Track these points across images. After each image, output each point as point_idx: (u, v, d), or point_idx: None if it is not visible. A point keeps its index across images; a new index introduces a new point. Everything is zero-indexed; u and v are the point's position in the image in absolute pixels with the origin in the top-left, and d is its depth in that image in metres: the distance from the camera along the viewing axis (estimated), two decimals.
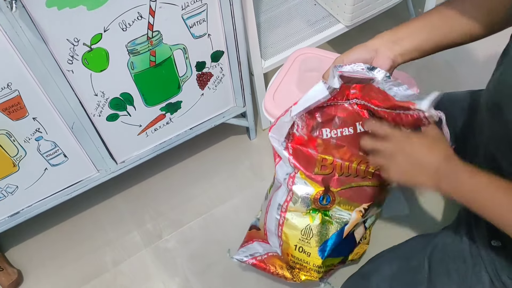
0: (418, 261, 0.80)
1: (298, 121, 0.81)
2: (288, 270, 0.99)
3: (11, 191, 1.07)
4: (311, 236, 0.92)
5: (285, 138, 0.84)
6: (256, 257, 1.01)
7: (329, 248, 0.93)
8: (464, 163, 0.66)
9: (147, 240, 1.25)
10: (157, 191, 1.34)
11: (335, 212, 0.91)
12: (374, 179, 0.85)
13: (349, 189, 0.87)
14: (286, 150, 0.85)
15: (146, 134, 1.15)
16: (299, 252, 0.95)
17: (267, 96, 1.09)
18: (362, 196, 0.88)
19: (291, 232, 0.94)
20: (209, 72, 1.12)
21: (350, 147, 0.82)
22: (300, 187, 0.87)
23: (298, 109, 0.79)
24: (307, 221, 0.92)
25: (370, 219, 0.98)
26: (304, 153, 0.84)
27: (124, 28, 0.90)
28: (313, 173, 0.85)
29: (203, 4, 0.96)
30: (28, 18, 0.79)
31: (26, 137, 0.98)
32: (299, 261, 0.96)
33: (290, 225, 0.93)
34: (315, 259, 0.94)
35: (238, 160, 1.37)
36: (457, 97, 1.01)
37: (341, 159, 0.83)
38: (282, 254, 0.99)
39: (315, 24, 1.29)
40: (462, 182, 0.64)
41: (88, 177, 1.15)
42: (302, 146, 0.84)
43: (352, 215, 0.90)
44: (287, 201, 0.91)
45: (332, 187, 0.86)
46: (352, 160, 0.83)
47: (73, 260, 1.24)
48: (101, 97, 0.99)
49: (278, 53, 1.23)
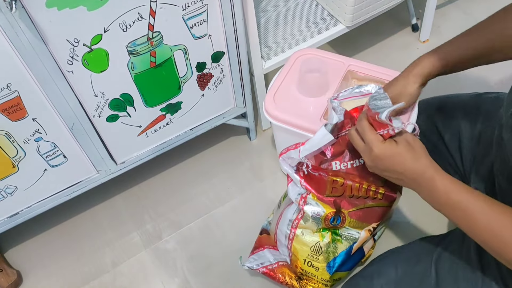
0: (425, 266, 0.79)
1: (307, 161, 0.83)
2: (296, 280, 1.00)
3: (11, 192, 1.06)
4: (320, 253, 0.93)
5: (295, 165, 0.85)
6: (267, 266, 1.02)
7: (338, 264, 0.94)
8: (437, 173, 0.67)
9: (147, 241, 1.25)
10: (157, 192, 1.34)
11: (344, 231, 0.91)
12: (384, 200, 0.86)
13: (360, 210, 0.87)
14: (297, 173, 0.86)
15: (146, 135, 1.14)
16: (308, 266, 0.96)
17: (268, 97, 1.08)
18: (372, 216, 0.89)
19: (300, 247, 0.95)
20: (210, 73, 1.11)
21: (361, 174, 0.83)
22: (311, 208, 0.88)
23: (305, 153, 0.81)
24: (317, 239, 0.92)
25: (379, 231, 0.99)
26: (315, 176, 0.85)
27: (124, 28, 0.90)
28: (325, 196, 0.86)
29: (204, 4, 0.96)
30: (28, 19, 0.79)
31: (26, 138, 0.97)
32: (307, 273, 0.97)
33: (300, 241, 0.94)
34: (323, 274, 0.95)
35: (238, 161, 1.37)
36: (461, 100, 1.01)
37: (351, 181, 0.84)
38: (291, 263, 1.00)
39: (316, 24, 1.29)
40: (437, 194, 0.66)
41: (87, 178, 1.15)
42: (313, 171, 0.85)
43: (361, 234, 0.91)
44: (298, 219, 0.92)
45: (343, 208, 0.87)
46: (362, 182, 0.84)
47: (72, 261, 1.24)
48: (101, 97, 0.99)
49: (278, 53, 1.23)
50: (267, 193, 1.29)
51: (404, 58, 1.57)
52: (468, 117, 0.96)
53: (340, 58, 1.14)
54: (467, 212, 0.63)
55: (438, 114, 1.03)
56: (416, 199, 0.72)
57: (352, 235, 0.91)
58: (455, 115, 0.99)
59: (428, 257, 0.80)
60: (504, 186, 0.72)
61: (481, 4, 1.67)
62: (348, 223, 0.89)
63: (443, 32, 1.59)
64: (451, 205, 0.65)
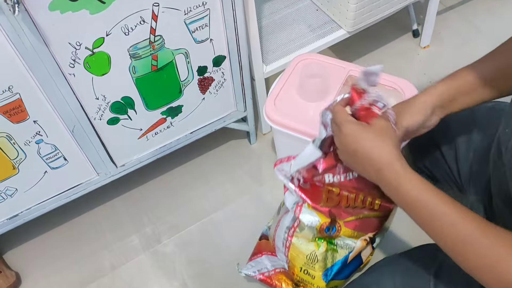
0: (423, 280, 0.78)
1: (298, 176, 0.81)
2: (293, 287, 0.99)
3: (11, 194, 1.06)
4: (316, 262, 0.92)
5: (290, 175, 0.84)
6: (264, 273, 1.02)
7: (334, 273, 0.93)
8: (405, 168, 0.62)
9: (146, 244, 1.25)
10: (157, 195, 1.34)
11: (340, 240, 0.90)
12: (380, 210, 0.84)
13: (355, 220, 0.86)
14: (292, 182, 0.84)
15: (146, 138, 1.15)
16: (304, 274, 0.95)
17: (268, 102, 1.09)
18: (368, 226, 0.87)
19: (297, 255, 0.94)
20: (211, 77, 1.11)
21: (355, 186, 0.81)
22: (306, 217, 0.87)
23: (296, 168, 0.80)
24: (313, 248, 0.91)
25: (378, 239, 0.98)
26: (310, 186, 0.84)
27: (126, 32, 0.90)
28: (320, 205, 0.84)
29: (206, 9, 0.96)
30: (30, 22, 0.79)
31: (27, 140, 0.98)
32: (303, 281, 0.97)
33: (296, 249, 0.94)
34: (319, 282, 0.95)
35: (238, 165, 1.37)
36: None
37: (347, 191, 0.82)
38: (289, 269, 0.99)
39: (317, 29, 1.29)
40: (403, 190, 0.62)
41: (87, 180, 1.15)
42: (306, 183, 0.84)
43: (357, 244, 0.90)
44: (294, 227, 0.91)
45: (338, 218, 0.86)
46: (358, 193, 0.82)
47: (71, 263, 1.24)
48: (102, 100, 0.99)
49: (279, 58, 1.23)
50: (267, 197, 1.29)
51: (404, 64, 1.57)
52: (463, 128, 0.95)
53: (341, 63, 1.14)
54: (433, 213, 0.60)
55: None
56: None
57: (348, 244, 0.90)
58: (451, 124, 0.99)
59: (427, 270, 0.78)
60: (501, 206, 0.72)
61: (481, 11, 1.68)
62: (344, 232, 0.88)
63: (444, 38, 1.59)
64: (417, 204, 0.61)
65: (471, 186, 0.90)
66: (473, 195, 0.89)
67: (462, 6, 1.70)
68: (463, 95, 0.74)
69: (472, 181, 0.91)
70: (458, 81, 0.74)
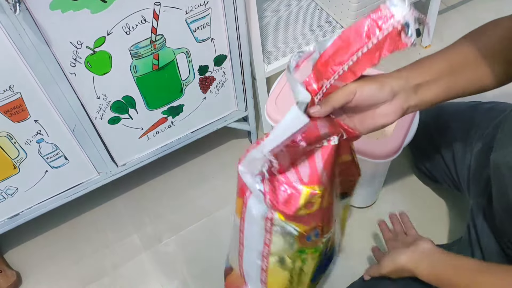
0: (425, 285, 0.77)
1: (272, 159, 0.62)
2: None
3: (11, 193, 1.06)
4: (301, 275, 0.86)
5: (258, 174, 0.66)
6: None
7: (317, 274, 0.92)
8: None
9: (147, 243, 1.25)
10: (158, 194, 1.34)
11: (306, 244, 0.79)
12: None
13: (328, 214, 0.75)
14: (262, 183, 0.67)
15: (147, 137, 1.14)
16: None
17: (269, 101, 1.08)
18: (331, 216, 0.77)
19: (278, 274, 0.82)
20: (212, 76, 1.11)
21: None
22: (280, 232, 0.72)
23: (272, 145, 0.59)
24: (295, 263, 0.80)
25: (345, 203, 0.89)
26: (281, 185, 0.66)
27: (127, 31, 0.90)
28: (296, 214, 0.66)
29: (207, 8, 0.96)
30: (31, 21, 0.79)
31: (27, 139, 0.97)
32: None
33: (277, 269, 0.80)
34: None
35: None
36: (456, 110, 1.00)
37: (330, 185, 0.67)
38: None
39: (318, 29, 1.29)
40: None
41: (88, 179, 1.15)
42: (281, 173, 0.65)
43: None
44: (267, 245, 0.76)
45: (318, 223, 0.73)
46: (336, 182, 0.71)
47: (72, 262, 1.24)
48: (103, 100, 0.99)
49: (280, 57, 1.23)
50: None
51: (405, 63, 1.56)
52: (462, 129, 0.95)
53: None
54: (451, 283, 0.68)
55: (434, 123, 1.02)
56: (414, 207, 0.71)
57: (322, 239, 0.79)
58: (450, 125, 0.99)
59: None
60: (500, 212, 0.72)
61: (483, 10, 1.68)
62: (326, 231, 0.77)
63: (445, 38, 1.59)
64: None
65: (471, 188, 0.90)
66: (473, 198, 0.89)
67: (463, 6, 1.70)
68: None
69: (471, 182, 0.90)
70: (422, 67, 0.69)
